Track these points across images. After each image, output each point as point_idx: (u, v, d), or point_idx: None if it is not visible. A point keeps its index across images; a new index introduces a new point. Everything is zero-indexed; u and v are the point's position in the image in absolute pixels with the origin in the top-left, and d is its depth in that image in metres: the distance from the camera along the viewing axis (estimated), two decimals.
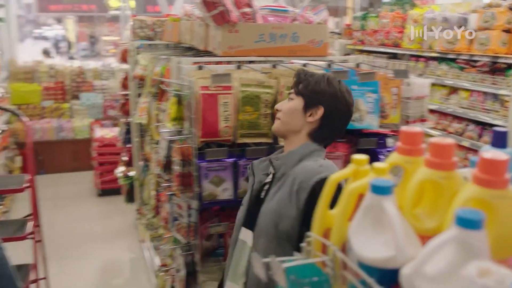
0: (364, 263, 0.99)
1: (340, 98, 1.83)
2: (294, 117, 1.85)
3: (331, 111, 1.82)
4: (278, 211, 1.80)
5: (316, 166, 1.79)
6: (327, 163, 1.83)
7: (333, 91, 1.83)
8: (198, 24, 3.06)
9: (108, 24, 24.38)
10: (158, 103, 3.48)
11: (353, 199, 1.13)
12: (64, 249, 4.83)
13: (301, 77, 1.89)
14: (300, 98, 1.85)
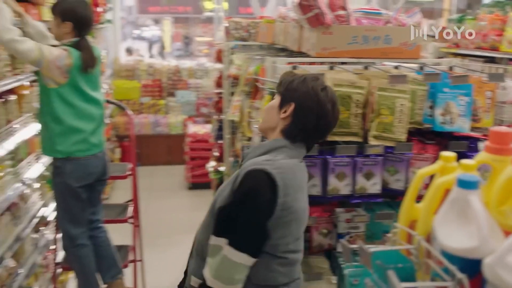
0: (447, 252, 1.06)
1: (312, 96, 1.87)
2: (271, 114, 1.94)
3: (301, 108, 1.87)
4: (220, 191, 1.90)
5: (264, 159, 1.82)
6: (284, 162, 1.83)
7: (305, 89, 1.88)
8: (293, 26, 3.18)
9: (202, 25, 25.24)
10: (252, 101, 3.65)
11: (440, 193, 1.20)
12: (157, 236, 5.14)
13: (283, 78, 2.00)
14: (278, 96, 1.96)
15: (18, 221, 3.19)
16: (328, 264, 2.65)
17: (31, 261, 3.34)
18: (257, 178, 1.75)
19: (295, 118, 1.88)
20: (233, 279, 1.76)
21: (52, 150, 2.97)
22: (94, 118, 3.04)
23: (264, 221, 1.76)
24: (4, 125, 2.94)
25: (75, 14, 2.91)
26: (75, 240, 3.06)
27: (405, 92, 2.35)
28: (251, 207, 1.76)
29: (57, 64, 2.80)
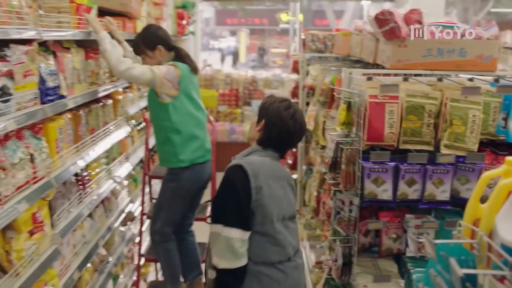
0: (507, 245, 1.16)
1: (276, 114, 2.36)
2: (252, 129, 2.48)
3: (268, 123, 2.37)
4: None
5: (242, 157, 2.37)
6: (254, 159, 2.34)
7: (272, 109, 2.38)
8: (369, 38, 3.30)
9: (277, 37, 25.60)
10: (327, 110, 3.80)
11: (503, 194, 1.30)
12: None
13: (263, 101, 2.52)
14: (256, 116, 2.48)
15: (109, 214, 3.52)
16: (396, 268, 2.74)
17: (119, 251, 3.65)
18: (233, 170, 2.26)
19: (265, 131, 2.39)
20: (236, 254, 2.17)
21: (175, 161, 3.19)
22: (204, 124, 3.31)
23: (244, 200, 2.21)
24: (101, 126, 3.27)
25: (157, 37, 3.21)
26: (166, 236, 3.31)
27: (478, 103, 2.42)
28: (232, 191, 2.22)
29: (168, 78, 3.05)
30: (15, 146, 2.15)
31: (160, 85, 3.03)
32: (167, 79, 3.04)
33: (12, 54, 2.07)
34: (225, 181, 2.26)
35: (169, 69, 3.08)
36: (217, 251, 2.19)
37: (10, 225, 2.13)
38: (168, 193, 3.27)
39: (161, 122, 3.17)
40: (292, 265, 2.36)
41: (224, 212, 2.22)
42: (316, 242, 4.87)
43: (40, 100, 2.34)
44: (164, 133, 3.19)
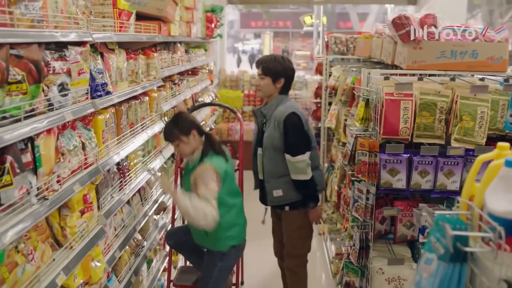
0: (493, 214, 1.40)
1: (289, 70, 3.61)
2: (268, 88, 3.59)
3: (287, 78, 3.60)
4: (270, 135, 3.53)
5: (284, 108, 3.50)
6: (291, 104, 3.59)
7: (284, 68, 3.58)
8: (388, 41, 3.53)
9: (301, 40, 25.81)
10: (348, 109, 4.04)
11: (493, 173, 1.54)
12: (251, 231, 5.58)
13: (263, 65, 3.59)
14: (268, 77, 3.56)
15: (145, 202, 3.81)
16: (410, 253, 2.97)
17: (152, 237, 3.95)
18: (293, 116, 3.45)
19: (285, 84, 3.59)
20: (309, 165, 3.47)
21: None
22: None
23: (305, 133, 3.50)
24: (139, 121, 3.57)
25: (191, 122, 3.29)
26: None
27: (486, 101, 2.64)
28: (299, 129, 3.46)
29: (215, 183, 3.07)
30: (70, 135, 2.45)
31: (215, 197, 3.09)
32: (215, 189, 3.08)
33: (70, 54, 2.37)
34: (292, 125, 3.43)
35: (215, 183, 3.10)
36: (304, 171, 3.44)
37: (66, 204, 2.42)
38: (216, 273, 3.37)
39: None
40: (321, 168, 3.78)
41: (299, 145, 3.44)
42: (336, 236, 5.11)
43: (90, 95, 2.63)
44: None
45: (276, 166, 3.54)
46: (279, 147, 3.48)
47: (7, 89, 1.84)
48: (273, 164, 3.54)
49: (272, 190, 3.57)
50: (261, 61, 3.64)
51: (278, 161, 3.51)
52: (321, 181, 3.66)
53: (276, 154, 3.51)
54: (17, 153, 1.95)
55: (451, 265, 1.48)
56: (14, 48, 1.90)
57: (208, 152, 3.24)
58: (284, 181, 3.53)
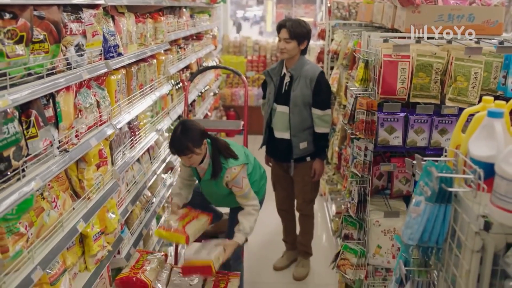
0: (475, 159, 1.56)
1: (310, 32, 4.02)
2: (294, 50, 3.94)
3: (308, 40, 4.02)
4: (302, 93, 3.92)
5: (311, 68, 3.96)
6: (312, 63, 4.10)
7: (307, 31, 3.99)
8: (388, 5, 3.64)
9: (304, 6, 25.55)
10: (349, 71, 4.17)
11: (478, 123, 1.69)
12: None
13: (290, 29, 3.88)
14: (294, 40, 3.90)
15: (153, 161, 3.99)
16: (405, 206, 3.15)
17: (161, 194, 4.14)
18: (323, 75, 3.99)
19: (306, 46, 4.02)
20: (330, 121, 4.02)
21: None
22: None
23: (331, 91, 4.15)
24: (148, 83, 3.71)
25: (201, 132, 3.22)
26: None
27: (480, 62, 2.77)
28: (328, 86, 4.05)
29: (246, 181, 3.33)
30: (86, 93, 2.61)
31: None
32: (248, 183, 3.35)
33: (85, 17, 2.50)
34: (324, 83, 3.96)
35: (245, 178, 3.32)
36: (325, 124, 3.98)
37: (83, 157, 2.60)
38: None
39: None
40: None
41: (328, 100, 4.01)
42: (337, 196, 5.30)
43: (104, 56, 2.77)
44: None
45: (304, 121, 3.98)
46: (309, 102, 3.94)
47: (31, 47, 1.99)
48: (301, 119, 3.97)
49: (299, 143, 4.02)
50: (285, 25, 3.94)
51: (306, 116, 3.97)
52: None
53: (305, 109, 3.96)
54: (41, 108, 2.11)
55: (437, 205, 1.66)
56: (36, 9, 2.03)
57: (220, 159, 3.24)
58: (309, 133, 4.02)
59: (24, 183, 1.91)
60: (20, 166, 1.90)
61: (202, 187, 3.50)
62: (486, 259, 1.41)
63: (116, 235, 2.98)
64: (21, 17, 1.85)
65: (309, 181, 4.20)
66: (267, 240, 5.03)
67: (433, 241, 1.63)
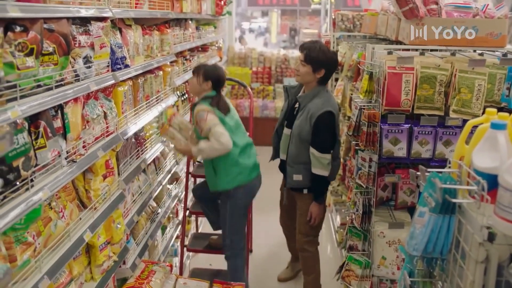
0: (479, 170, 1.58)
1: (331, 61, 3.57)
2: (308, 76, 3.56)
3: (328, 70, 3.55)
4: (300, 127, 3.54)
5: (320, 103, 3.49)
6: (327, 98, 3.55)
7: (327, 59, 3.54)
8: (392, 18, 3.67)
9: (309, 18, 25.71)
10: (353, 83, 4.19)
11: (481, 134, 1.71)
12: (259, 204, 5.80)
13: (306, 52, 3.54)
14: (309, 65, 3.52)
15: (159, 172, 4.02)
16: (409, 217, 3.16)
17: (166, 205, 4.16)
18: (328, 116, 3.46)
19: (325, 74, 3.56)
20: (330, 164, 3.55)
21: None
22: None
23: (336, 134, 3.55)
24: (154, 94, 3.75)
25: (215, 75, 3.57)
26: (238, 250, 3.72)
27: (483, 74, 2.79)
28: (330, 129, 3.50)
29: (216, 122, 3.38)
30: (93, 105, 2.64)
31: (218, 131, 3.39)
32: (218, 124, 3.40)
33: (93, 29, 2.54)
34: (324, 125, 3.46)
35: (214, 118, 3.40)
36: (322, 167, 3.53)
37: (90, 168, 2.62)
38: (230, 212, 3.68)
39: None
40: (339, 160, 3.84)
41: (325, 144, 3.51)
42: (341, 207, 5.31)
43: (111, 68, 2.81)
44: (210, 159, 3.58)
45: (300, 154, 3.62)
46: (307, 139, 3.54)
47: (41, 60, 2.02)
48: (297, 151, 3.62)
49: (293, 174, 3.69)
50: (305, 47, 3.59)
51: (302, 150, 3.60)
52: (335, 172, 3.72)
53: (302, 144, 3.58)
54: (49, 119, 2.15)
55: (441, 216, 1.67)
56: (46, 22, 2.07)
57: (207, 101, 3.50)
58: (305, 168, 3.63)
59: (32, 193, 1.94)
60: (29, 176, 1.93)
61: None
62: (490, 270, 1.42)
63: (122, 245, 3.00)
64: (32, 30, 1.89)
65: (304, 214, 3.79)
66: (272, 251, 5.04)
67: (438, 252, 1.64)
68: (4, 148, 1.72)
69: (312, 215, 3.72)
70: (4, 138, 1.71)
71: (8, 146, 1.75)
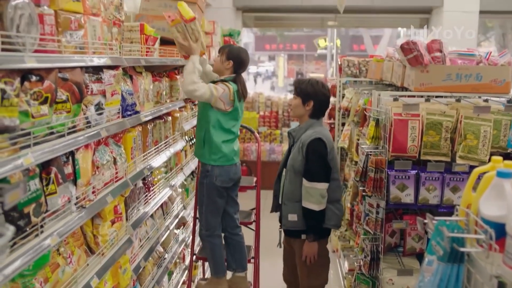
0: (486, 219, 1.59)
1: (320, 94, 3.53)
2: (298, 109, 3.57)
3: (318, 101, 3.51)
4: (294, 158, 3.50)
5: (311, 132, 3.45)
6: (320, 129, 3.50)
7: (315, 91, 3.52)
8: (397, 64, 3.74)
9: (315, 62, 26.15)
10: (360, 129, 4.23)
11: (488, 183, 1.72)
12: (266, 251, 5.75)
13: (296, 85, 3.63)
14: (299, 97, 3.55)
15: (167, 217, 4.02)
16: (418, 264, 3.13)
17: (173, 250, 4.14)
18: (317, 143, 3.38)
19: (314, 107, 3.52)
20: (323, 199, 3.35)
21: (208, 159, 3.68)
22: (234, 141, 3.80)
23: (327, 163, 3.39)
24: (163, 139, 3.80)
25: (237, 56, 3.70)
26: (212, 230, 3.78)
27: (489, 120, 2.82)
28: (320, 157, 3.38)
29: (221, 98, 3.50)
30: (103, 151, 2.68)
31: (214, 103, 3.52)
32: (220, 99, 3.52)
33: (105, 77, 2.61)
34: (314, 151, 3.37)
35: (224, 91, 3.52)
36: (314, 200, 3.34)
37: (98, 213, 2.64)
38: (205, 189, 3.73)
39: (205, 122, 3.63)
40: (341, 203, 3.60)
41: (316, 172, 3.36)
42: (349, 252, 5.25)
43: (121, 114, 2.87)
44: (203, 131, 3.64)
45: (295, 189, 3.47)
46: (300, 170, 3.43)
47: (55, 107, 2.08)
48: (292, 187, 3.48)
49: (288, 213, 3.51)
50: (296, 81, 3.72)
51: (297, 185, 3.45)
52: (336, 217, 3.48)
53: (296, 177, 3.46)
54: (61, 165, 2.18)
55: (450, 265, 1.66)
56: (61, 71, 2.14)
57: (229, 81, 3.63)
58: (300, 207, 3.45)
59: (42, 239, 1.95)
60: (39, 222, 1.95)
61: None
62: None
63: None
64: (47, 79, 1.95)
65: (303, 264, 3.52)
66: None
67: None
68: (18, 196, 1.75)
69: (304, 253, 3.46)
70: (18, 186, 1.74)
71: (22, 195, 1.78)
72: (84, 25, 2.34)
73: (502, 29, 16.93)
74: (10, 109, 1.71)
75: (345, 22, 10.50)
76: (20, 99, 1.80)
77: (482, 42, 16.33)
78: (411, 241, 3.14)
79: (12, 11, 1.75)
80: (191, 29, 3.57)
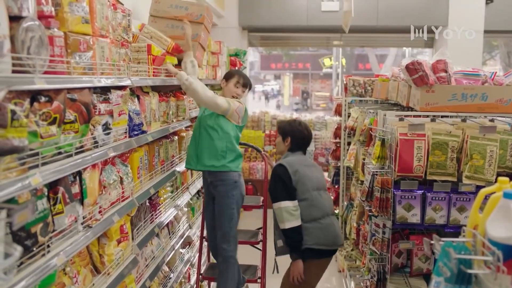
0: (493, 240, 1.58)
1: (296, 131, 3.89)
2: (280, 146, 4.00)
3: (294, 138, 3.88)
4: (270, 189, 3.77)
5: (281, 160, 3.82)
6: (288, 158, 3.83)
7: (292, 129, 3.91)
8: (403, 84, 3.76)
9: (320, 81, 26.24)
10: (366, 148, 4.23)
11: (494, 204, 1.72)
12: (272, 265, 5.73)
13: (278, 125, 3.98)
14: (280, 135, 3.96)
15: (172, 236, 4.02)
16: (425, 285, 3.10)
17: (178, 270, 4.13)
18: (277, 167, 3.75)
19: (292, 143, 3.88)
20: (293, 215, 3.55)
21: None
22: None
23: (287, 181, 3.64)
24: (169, 158, 3.82)
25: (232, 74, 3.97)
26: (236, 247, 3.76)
27: (495, 140, 2.82)
28: (278, 178, 3.68)
29: (237, 112, 3.66)
30: (110, 170, 2.70)
31: (230, 116, 3.64)
32: (236, 112, 3.64)
33: (112, 97, 2.64)
34: (274, 174, 3.72)
35: (240, 106, 3.68)
36: (282, 219, 3.58)
37: (105, 233, 2.64)
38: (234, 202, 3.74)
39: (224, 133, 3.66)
40: (328, 221, 3.65)
41: (277, 193, 3.64)
42: (356, 273, 5.21)
43: (128, 134, 2.89)
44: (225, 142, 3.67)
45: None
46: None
47: (63, 128, 2.10)
48: (275, 215, 3.72)
49: (276, 240, 3.78)
50: (278, 122, 4.09)
51: None
52: (318, 235, 3.59)
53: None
54: (68, 185, 2.20)
55: (457, 287, 1.65)
56: (69, 92, 2.17)
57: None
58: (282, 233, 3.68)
59: (48, 258, 1.96)
60: (46, 242, 1.96)
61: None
62: None
63: None
64: (56, 100, 1.98)
65: (285, 281, 3.78)
66: None
67: None
68: (26, 217, 1.76)
69: (290, 273, 3.66)
70: (27, 207, 1.75)
71: (30, 215, 1.79)
72: (92, 47, 2.38)
73: (507, 47, 16.99)
74: (20, 130, 1.73)
75: (350, 41, 10.55)
76: (30, 119, 1.82)
77: (487, 60, 16.38)
78: (418, 262, 3.12)
79: (23, 34, 1.78)
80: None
